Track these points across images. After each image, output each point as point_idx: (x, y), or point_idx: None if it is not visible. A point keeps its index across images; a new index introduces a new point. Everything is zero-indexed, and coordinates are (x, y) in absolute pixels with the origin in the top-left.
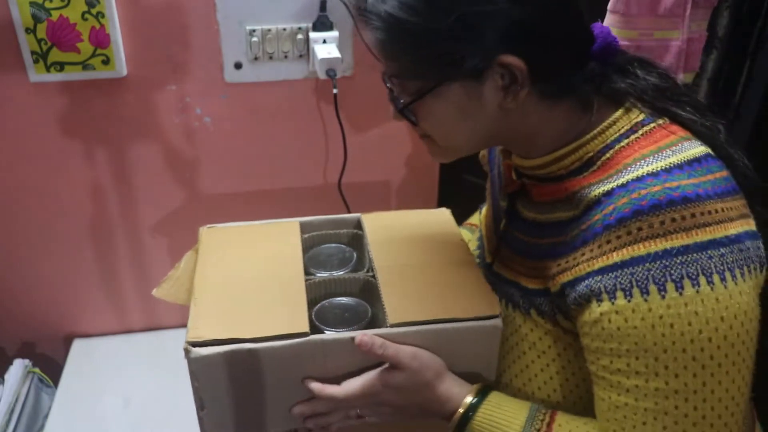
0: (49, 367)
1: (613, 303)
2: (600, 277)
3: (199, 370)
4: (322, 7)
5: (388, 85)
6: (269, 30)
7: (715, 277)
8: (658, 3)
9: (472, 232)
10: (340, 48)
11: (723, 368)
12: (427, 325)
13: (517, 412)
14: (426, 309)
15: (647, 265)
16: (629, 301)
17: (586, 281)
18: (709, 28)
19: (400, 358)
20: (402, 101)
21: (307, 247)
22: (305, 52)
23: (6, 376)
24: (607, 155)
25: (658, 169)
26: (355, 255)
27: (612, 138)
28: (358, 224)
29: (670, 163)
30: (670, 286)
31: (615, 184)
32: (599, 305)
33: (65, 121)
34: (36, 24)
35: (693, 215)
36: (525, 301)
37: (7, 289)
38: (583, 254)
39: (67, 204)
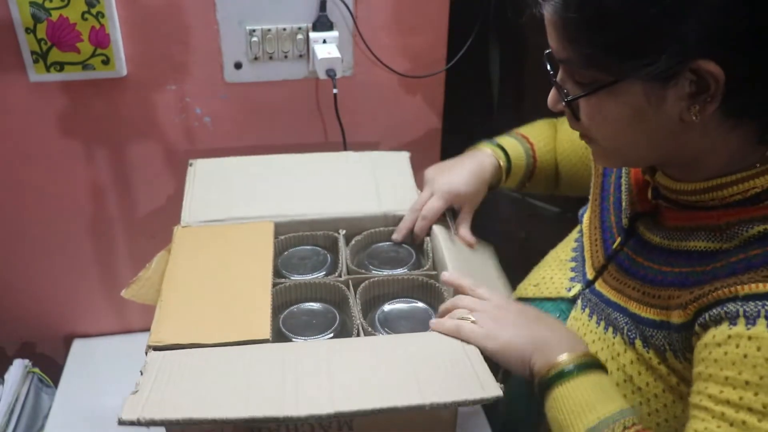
0: (49, 367)
1: (748, 328)
2: (743, 302)
3: None
4: (322, 7)
5: (550, 68)
6: (269, 30)
7: None
8: None
9: (525, 148)
10: (340, 48)
11: None
12: None
13: (612, 399)
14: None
15: None
16: None
17: (725, 305)
18: None
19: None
20: (567, 90)
21: (282, 248)
22: (305, 52)
23: (6, 376)
24: None
25: None
26: (329, 258)
27: None
28: (335, 226)
29: None
30: None
31: None
32: (731, 327)
33: (65, 121)
34: (36, 24)
35: None
36: (632, 329)
37: (7, 288)
38: (728, 283)
39: (66, 204)
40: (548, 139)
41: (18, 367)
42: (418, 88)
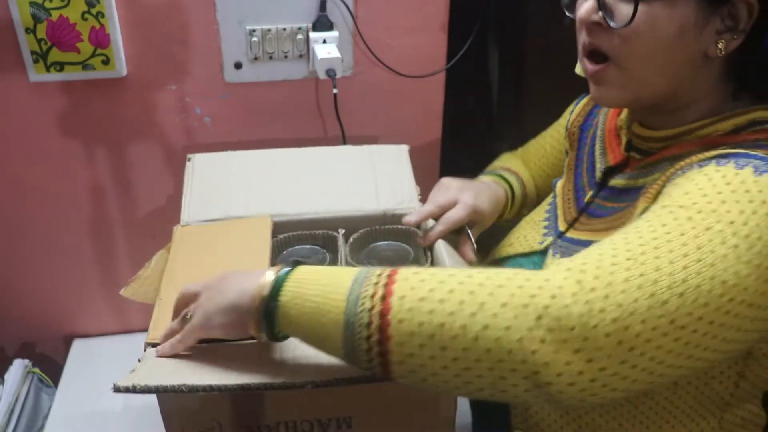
0: (49, 367)
1: (738, 168)
2: (710, 158)
3: None
4: (322, 7)
5: None
6: (269, 30)
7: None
8: None
9: (515, 177)
10: (340, 48)
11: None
12: None
13: (343, 273)
14: None
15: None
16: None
17: (692, 165)
18: None
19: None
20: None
21: (281, 247)
22: (305, 52)
23: (6, 376)
24: (738, 134)
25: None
26: (328, 257)
27: (744, 123)
28: (335, 225)
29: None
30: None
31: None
32: (700, 167)
33: (65, 121)
34: (36, 24)
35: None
36: None
37: (7, 288)
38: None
39: (67, 204)
40: (523, 167)
41: (18, 367)
42: (418, 88)
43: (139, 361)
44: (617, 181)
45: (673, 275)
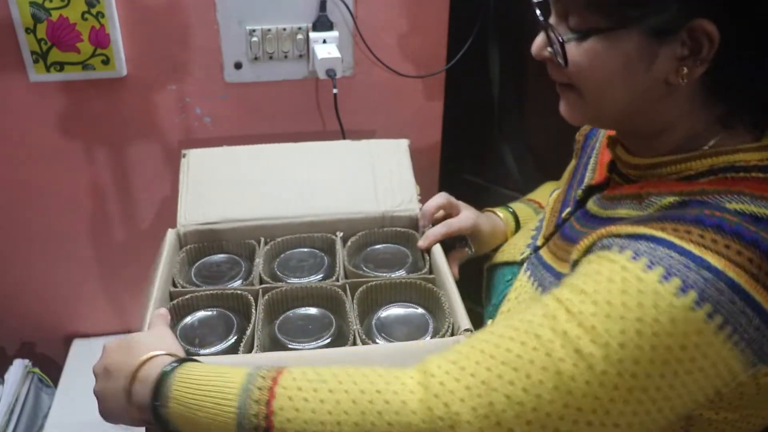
0: (49, 367)
1: (634, 260)
2: (637, 240)
3: None
4: (322, 7)
5: (540, 14)
6: (269, 30)
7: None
8: None
9: (533, 209)
10: (340, 48)
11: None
12: None
13: (234, 371)
14: None
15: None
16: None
17: (607, 238)
18: None
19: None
20: (560, 33)
21: (280, 250)
22: (305, 52)
23: (6, 376)
24: (709, 178)
25: (752, 212)
26: (326, 260)
27: (723, 165)
28: (333, 228)
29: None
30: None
31: (699, 198)
32: (617, 254)
33: (65, 121)
34: (36, 24)
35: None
36: (555, 286)
37: (7, 288)
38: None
39: (67, 204)
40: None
41: (18, 367)
42: (418, 88)
43: None
44: (591, 205)
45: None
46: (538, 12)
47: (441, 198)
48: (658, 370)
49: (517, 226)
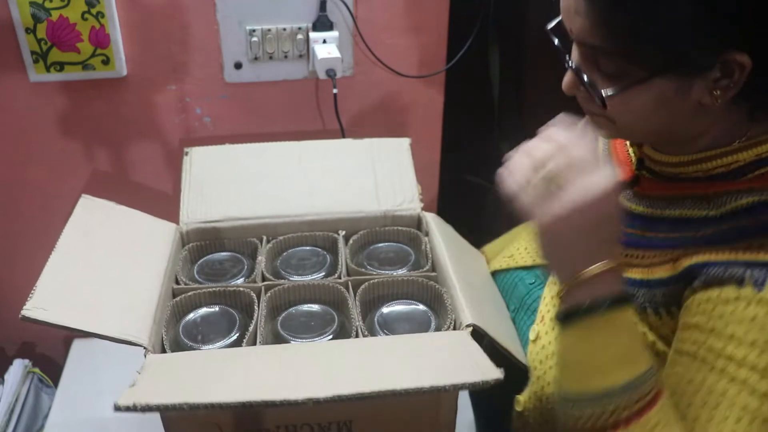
0: (49, 367)
1: (757, 291)
2: (747, 268)
3: None
4: (322, 7)
5: (569, 60)
6: (269, 30)
7: None
8: None
9: None
10: (340, 48)
11: None
12: None
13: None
14: None
15: None
16: None
17: (727, 266)
18: None
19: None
20: (588, 77)
21: (281, 249)
22: (305, 52)
23: (6, 376)
24: (763, 170)
25: None
26: (329, 258)
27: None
28: (335, 227)
29: None
30: None
31: None
32: (738, 289)
33: (65, 121)
34: (36, 24)
35: None
36: None
37: (7, 288)
38: (725, 248)
39: (66, 204)
40: None
41: (18, 367)
42: (418, 88)
43: (138, 372)
44: (629, 205)
45: None
46: (568, 58)
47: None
48: None
49: None
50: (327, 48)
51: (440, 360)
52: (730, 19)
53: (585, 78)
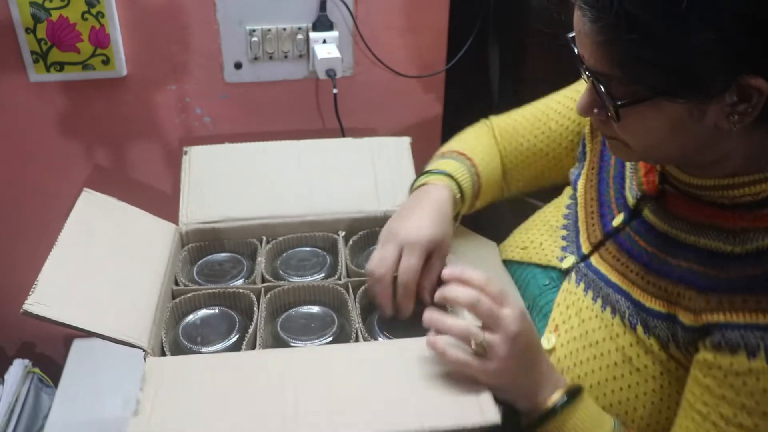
0: (49, 367)
1: None
2: (763, 335)
3: None
4: (322, 7)
5: (587, 75)
6: (269, 30)
7: None
8: None
9: (464, 164)
10: (340, 48)
11: None
12: None
13: (602, 422)
14: None
15: None
16: None
17: (744, 331)
18: None
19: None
20: (603, 94)
21: (281, 250)
22: (305, 52)
23: (6, 376)
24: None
25: None
26: (329, 259)
27: None
28: (335, 227)
29: None
30: None
31: None
32: (752, 360)
33: (65, 121)
34: (36, 24)
35: None
36: (633, 315)
37: (7, 288)
38: (746, 301)
39: (66, 204)
40: (487, 148)
41: (18, 367)
42: (418, 88)
43: (141, 389)
44: (654, 220)
45: None
46: (586, 74)
47: (385, 296)
48: None
49: (461, 191)
50: (327, 48)
51: (439, 391)
52: (743, 43)
53: (602, 89)
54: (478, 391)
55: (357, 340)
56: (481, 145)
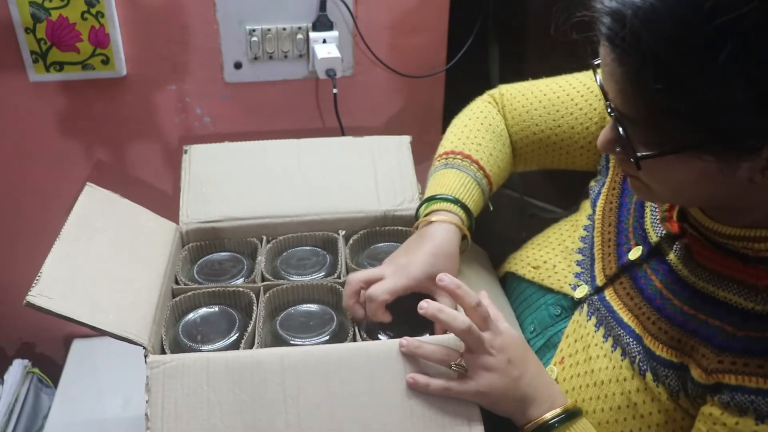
0: (49, 367)
1: None
2: None
3: None
4: (322, 7)
5: (613, 114)
6: (269, 30)
7: None
8: None
9: (475, 175)
10: (340, 48)
11: None
12: None
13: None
14: None
15: None
16: None
17: (756, 397)
18: None
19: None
20: (625, 139)
21: (281, 249)
22: (305, 51)
23: (6, 376)
24: None
25: None
26: (328, 258)
27: None
28: (335, 227)
29: None
30: None
31: None
32: (759, 424)
33: (65, 121)
34: (35, 24)
35: None
36: (644, 361)
37: (7, 288)
38: (761, 366)
39: (66, 204)
40: (495, 136)
41: (18, 367)
42: (418, 88)
43: (146, 399)
44: (676, 264)
45: None
46: (609, 111)
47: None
48: None
49: (470, 219)
50: (327, 48)
51: (433, 406)
52: None
53: (623, 132)
54: (468, 408)
55: (355, 338)
56: (489, 134)
